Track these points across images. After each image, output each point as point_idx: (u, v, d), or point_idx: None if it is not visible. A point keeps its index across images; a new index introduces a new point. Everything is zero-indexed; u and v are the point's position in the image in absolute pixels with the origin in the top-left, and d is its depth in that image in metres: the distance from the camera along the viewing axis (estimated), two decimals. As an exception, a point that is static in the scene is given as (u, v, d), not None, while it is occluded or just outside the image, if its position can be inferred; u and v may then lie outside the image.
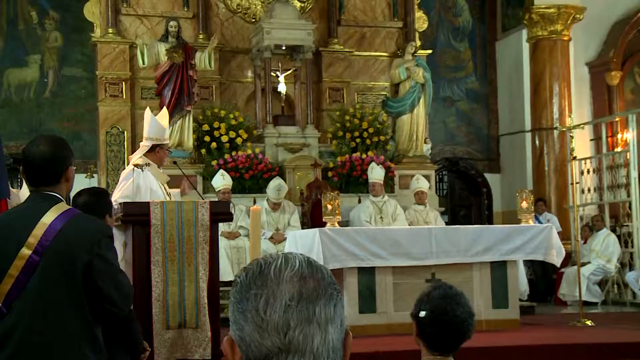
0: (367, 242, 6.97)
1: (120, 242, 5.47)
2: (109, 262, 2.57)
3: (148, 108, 6.15)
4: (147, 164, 5.74)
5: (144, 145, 5.81)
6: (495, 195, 13.95)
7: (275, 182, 8.87)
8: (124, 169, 6.09)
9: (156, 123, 5.81)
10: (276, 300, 1.14)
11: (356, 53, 11.57)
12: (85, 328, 2.54)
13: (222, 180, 8.88)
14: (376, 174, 9.39)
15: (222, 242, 8.30)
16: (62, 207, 2.62)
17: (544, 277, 11.32)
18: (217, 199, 8.24)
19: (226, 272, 8.34)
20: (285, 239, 8.85)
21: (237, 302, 1.17)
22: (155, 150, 5.76)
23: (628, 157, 10.73)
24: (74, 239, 2.54)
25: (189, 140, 9.78)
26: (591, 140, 13.19)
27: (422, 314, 2.41)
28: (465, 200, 14.23)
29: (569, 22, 12.50)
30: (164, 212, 5.13)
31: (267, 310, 1.14)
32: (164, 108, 6.43)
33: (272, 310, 1.14)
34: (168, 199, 5.65)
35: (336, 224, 7.22)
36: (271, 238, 8.89)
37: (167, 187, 5.79)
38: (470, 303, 2.48)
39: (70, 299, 2.52)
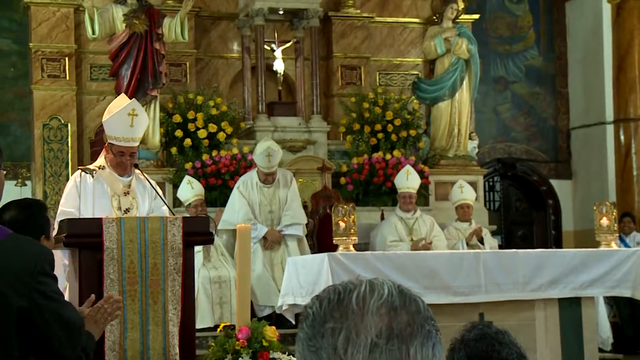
0: (393, 271, 6.98)
1: (63, 272, 5.49)
2: (52, 298, 2.60)
3: (123, 94, 6.22)
4: (101, 167, 5.80)
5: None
6: (565, 209, 13.93)
7: (264, 145, 8.80)
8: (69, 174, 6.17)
9: (106, 112, 5.92)
10: (359, 336, 1.17)
11: (378, 19, 11.60)
12: None
13: (190, 190, 8.86)
14: (411, 181, 9.39)
15: (201, 273, 8.31)
16: (-13, 225, 2.66)
17: (633, 320, 11.28)
18: (188, 215, 8.25)
19: (204, 315, 8.34)
20: (282, 237, 8.80)
21: (308, 338, 1.20)
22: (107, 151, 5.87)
23: None
24: (2, 271, 2.57)
25: (155, 136, 9.82)
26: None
27: None
28: (524, 215, 14.21)
29: (664, -25, 12.51)
30: (121, 231, 5.16)
31: (348, 349, 1.17)
32: (122, 95, 6.46)
33: (355, 349, 1.17)
34: (118, 213, 5.68)
35: (351, 248, 7.23)
36: (264, 239, 8.80)
37: (121, 200, 5.82)
38: (518, 342, 2.46)
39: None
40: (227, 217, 8.82)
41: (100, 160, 5.92)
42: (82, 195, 5.76)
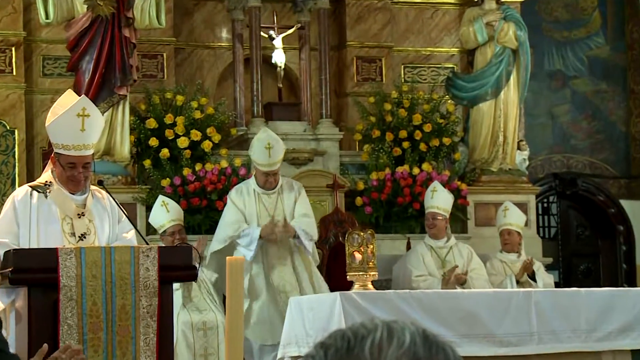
0: (422, 314, 6.98)
1: (8, 318, 5.50)
2: None
3: (70, 90, 6.23)
4: (47, 184, 5.80)
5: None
6: (639, 237, 13.89)
7: (263, 136, 8.72)
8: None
9: (50, 114, 5.91)
10: None
11: (403, 0, 11.65)
12: None
13: (165, 214, 8.84)
14: (439, 200, 9.39)
15: (180, 317, 8.31)
16: None
17: None
18: (163, 245, 8.25)
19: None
20: (292, 232, 8.65)
21: None
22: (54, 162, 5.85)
23: None
24: None
25: (124, 146, 9.85)
26: None
27: None
28: (587, 245, 14.18)
29: None
30: (81, 264, 5.18)
31: None
32: (69, 91, 6.44)
33: None
34: (72, 242, 5.69)
35: (369, 285, 7.24)
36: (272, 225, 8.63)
37: (75, 224, 5.81)
38: None
39: None
40: (216, 236, 8.76)
41: (46, 175, 5.87)
42: (23, 220, 5.73)
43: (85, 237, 5.76)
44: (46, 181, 5.81)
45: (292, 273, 8.68)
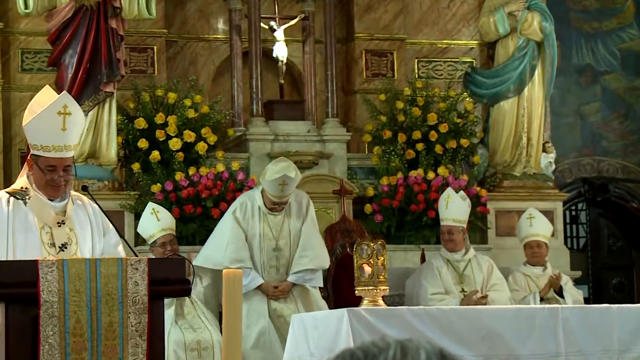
0: (439, 333, 6.98)
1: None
2: None
3: (47, 86, 6.24)
4: (23, 190, 5.79)
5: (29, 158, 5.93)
6: (676, 249, 13.89)
7: (278, 170, 8.62)
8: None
9: (27, 112, 5.91)
10: None
11: (417, -14, 11.65)
12: None
13: (155, 223, 8.83)
14: (454, 210, 9.37)
15: (172, 336, 8.32)
16: None
17: None
18: (153, 257, 8.25)
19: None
20: (289, 290, 8.71)
21: None
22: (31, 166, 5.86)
23: None
24: None
25: (110, 148, 9.86)
26: None
27: None
28: (620, 256, 14.16)
29: None
30: (64, 278, 5.17)
31: None
32: (46, 87, 6.44)
33: None
34: (51, 253, 5.68)
35: (380, 301, 7.23)
36: (275, 288, 8.70)
37: (54, 233, 5.81)
38: None
39: None
40: (210, 251, 8.74)
41: (22, 180, 5.86)
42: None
43: (66, 248, 5.75)
44: (22, 187, 5.80)
45: (292, 298, 8.70)
